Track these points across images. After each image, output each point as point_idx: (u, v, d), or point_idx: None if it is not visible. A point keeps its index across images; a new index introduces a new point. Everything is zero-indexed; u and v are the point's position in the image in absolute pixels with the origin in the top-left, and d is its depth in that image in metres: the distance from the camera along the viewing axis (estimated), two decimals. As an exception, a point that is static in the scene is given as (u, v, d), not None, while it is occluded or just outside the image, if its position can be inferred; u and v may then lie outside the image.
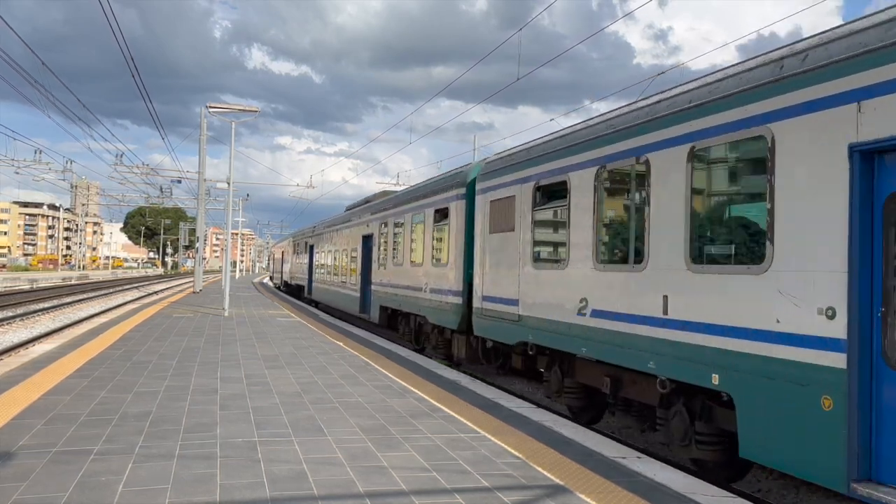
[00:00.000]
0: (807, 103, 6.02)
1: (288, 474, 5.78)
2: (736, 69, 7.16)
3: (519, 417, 8.37)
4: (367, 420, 7.94)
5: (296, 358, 12.96)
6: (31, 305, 32.39)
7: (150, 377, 10.30)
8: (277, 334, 17.34)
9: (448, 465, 6.23)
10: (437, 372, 11.90)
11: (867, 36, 5.65)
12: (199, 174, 38.10)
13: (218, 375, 10.67)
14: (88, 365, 11.27)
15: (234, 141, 25.00)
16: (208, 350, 13.70)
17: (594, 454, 6.80)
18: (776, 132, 6.30)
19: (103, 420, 7.50)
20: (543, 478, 5.95)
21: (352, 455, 6.44)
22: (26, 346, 17.57)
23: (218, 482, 5.51)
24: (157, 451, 6.35)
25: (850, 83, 5.64)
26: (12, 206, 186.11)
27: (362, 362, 12.71)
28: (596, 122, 9.64)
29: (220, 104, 24.32)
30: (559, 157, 10.30)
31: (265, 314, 24.25)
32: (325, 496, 5.28)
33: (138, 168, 47.97)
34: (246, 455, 6.32)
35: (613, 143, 8.89)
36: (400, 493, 5.41)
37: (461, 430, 7.64)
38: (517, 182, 11.67)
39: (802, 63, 6.19)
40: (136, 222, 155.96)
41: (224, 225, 32.32)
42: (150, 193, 60.72)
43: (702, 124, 7.28)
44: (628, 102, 9.55)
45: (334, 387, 10.02)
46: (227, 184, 27.34)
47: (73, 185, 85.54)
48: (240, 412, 8.13)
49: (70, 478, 5.51)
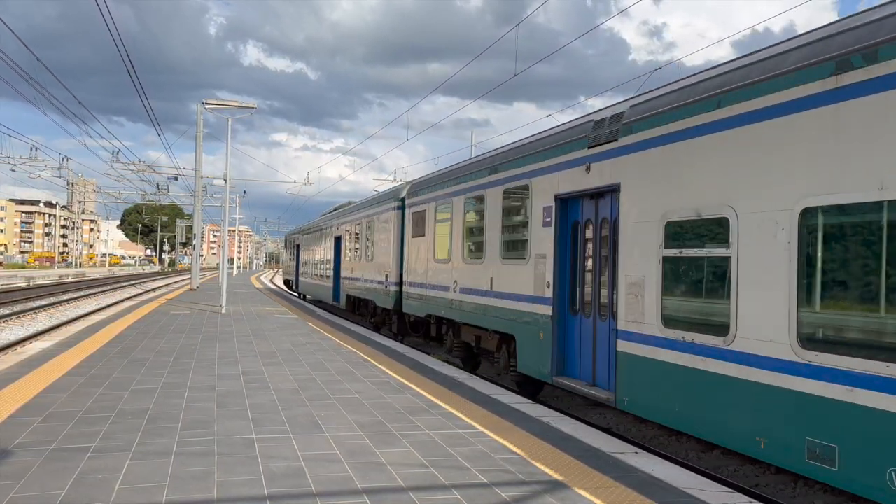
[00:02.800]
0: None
1: (286, 471, 5.77)
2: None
3: (517, 413, 8.37)
4: (364, 416, 7.93)
5: (293, 355, 12.95)
6: (28, 303, 32.32)
7: (148, 374, 10.28)
8: (275, 331, 17.32)
9: (446, 461, 6.23)
10: (435, 368, 11.89)
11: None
12: (196, 171, 38.00)
13: (215, 372, 10.65)
14: (85, 362, 11.24)
15: (231, 137, 24.94)
16: (205, 347, 13.68)
17: (593, 450, 6.80)
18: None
19: (100, 417, 7.49)
20: (542, 474, 5.95)
21: (349, 451, 6.43)
22: (23, 343, 17.52)
23: (215, 479, 5.50)
24: (154, 449, 6.33)
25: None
26: (8, 203, 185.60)
27: (360, 359, 12.69)
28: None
29: (217, 101, 24.26)
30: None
31: (262, 311, 24.22)
32: (322, 493, 5.27)
33: (135, 165, 47.80)
34: (243, 452, 6.31)
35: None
36: (398, 489, 5.40)
37: (459, 426, 7.63)
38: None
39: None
40: (132, 219, 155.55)
41: (221, 222, 32.27)
42: (147, 190, 60.63)
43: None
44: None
45: (332, 383, 10.01)
46: (224, 180, 27.27)
47: (70, 183, 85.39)
48: (237, 409, 8.12)
49: (67, 475, 5.49)
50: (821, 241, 5.92)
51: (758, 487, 7.73)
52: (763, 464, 8.04)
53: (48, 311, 29.15)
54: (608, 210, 9.16)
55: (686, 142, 7.59)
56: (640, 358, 8.08)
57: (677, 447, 9.37)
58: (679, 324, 7.52)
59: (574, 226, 10.05)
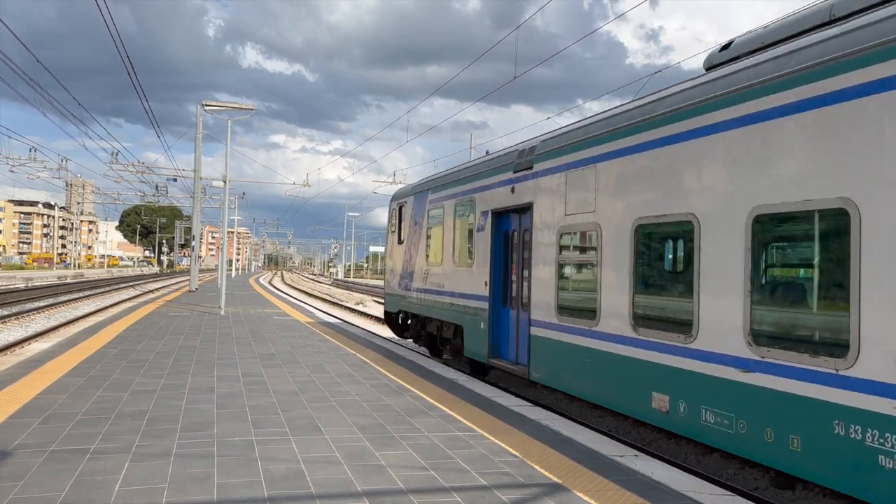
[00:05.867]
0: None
1: (285, 473, 5.77)
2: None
3: (517, 416, 8.37)
4: (364, 419, 7.93)
5: (293, 357, 12.94)
6: (27, 304, 32.27)
7: (147, 376, 10.27)
8: (274, 333, 17.31)
9: (446, 463, 6.23)
10: (435, 370, 11.89)
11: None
12: (195, 172, 37.98)
13: (214, 374, 10.65)
14: (84, 363, 11.23)
15: (230, 139, 24.94)
16: (205, 349, 13.67)
17: (592, 452, 6.80)
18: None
19: (100, 419, 7.48)
20: (541, 476, 5.95)
21: (349, 454, 6.43)
22: (22, 344, 17.49)
23: (215, 481, 5.49)
24: (153, 450, 6.33)
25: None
26: (7, 204, 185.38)
27: (359, 361, 12.69)
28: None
29: (216, 102, 24.21)
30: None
31: (262, 312, 24.20)
32: (322, 495, 5.27)
33: (134, 166, 47.70)
34: (243, 454, 6.30)
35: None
36: (398, 491, 5.40)
37: (459, 428, 7.63)
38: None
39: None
40: (131, 220, 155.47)
41: (219, 223, 32.25)
42: (146, 192, 60.49)
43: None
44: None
45: (331, 385, 10.01)
46: (224, 182, 27.27)
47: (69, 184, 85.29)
48: (237, 411, 8.11)
49: (67, 477, 5.49)
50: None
51: (757, 490, 7.73)
52: (763, 467, 8.03)
53: (47, 312, 29.11)
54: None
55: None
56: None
57: (677, 450, 9.36)
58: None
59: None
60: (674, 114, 7.82)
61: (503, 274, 12.27)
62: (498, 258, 12.33)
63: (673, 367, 7.55)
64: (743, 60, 7.34)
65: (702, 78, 7.84)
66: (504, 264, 12.26)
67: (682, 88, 7.95)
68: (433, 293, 15.27)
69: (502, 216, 12.22)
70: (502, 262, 12.28)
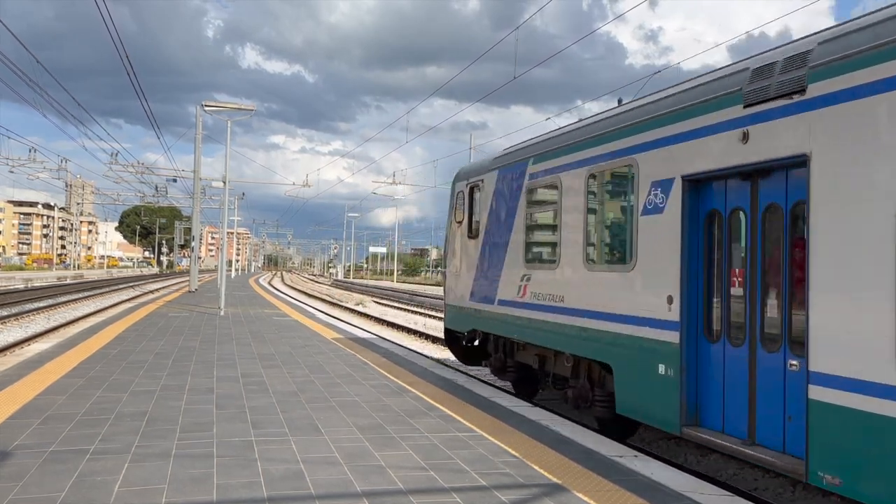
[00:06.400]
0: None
1: (285, 474, 5.77)
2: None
3: (516, 416, 8.37)
4: (364, 419, 7.93)
5: (292, 357, 12.94)
6: (26, 305, 32.26)
7: (146, 376, 10.27)
8: (273, 333, 17.31)
9: (446, 464, 6.23)
10: (435, 371, 11.89)
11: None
12: (195, 172, 37.99)
13: (214, 374, 10.64)
14: (84, 364, 11.23)
15: (229, 140, 24.95)
16: (204, 349, 13.66)
17: (592, 453, 6.80)
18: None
19: (99, 419, 7.48)
20: (541, 477, 5.95)
21: (349, 454, 6.43)
22: (21, 345, 17.48)
23: (215, 482, 5.49)
24: (153, 451, 6.33)
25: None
26: (6, 204, 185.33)
27: (359, 361, 12.69)
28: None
29: (215, 102, 24.23)
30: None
31: (261, 313, 24.21)
32: (322, 495, 5.27)
33: (133, 167, 47.73)
34: (243, 454, 6.30)
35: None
36: (398, 492, 5.40)
37: (458, 429, 7.63)
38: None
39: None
40: (131, 221, 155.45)
41: (219, 224, 32.27)
42: (146, 192, 60.49)
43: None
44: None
45: (331, 386, 10.01)
46: (223, 182, 27.27)
47: (68, 184, 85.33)
48: (236, 411, 8.11)
49: (66, 477, 5.49)
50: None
51: (756, 491, 7.73)
52: (762, 468, 8.04)
53: (46, 312, 29.11)
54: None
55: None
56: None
57: (676, 451, 9.37)
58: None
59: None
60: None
61: (706, 285, 7.36)
62: (696, 258, 7.44)
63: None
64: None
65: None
66: (708, 269, 7.38)
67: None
68: (537, 308, 10.42)
69: (706, 186, 7.39)
70: (703, 264, 7.40)
